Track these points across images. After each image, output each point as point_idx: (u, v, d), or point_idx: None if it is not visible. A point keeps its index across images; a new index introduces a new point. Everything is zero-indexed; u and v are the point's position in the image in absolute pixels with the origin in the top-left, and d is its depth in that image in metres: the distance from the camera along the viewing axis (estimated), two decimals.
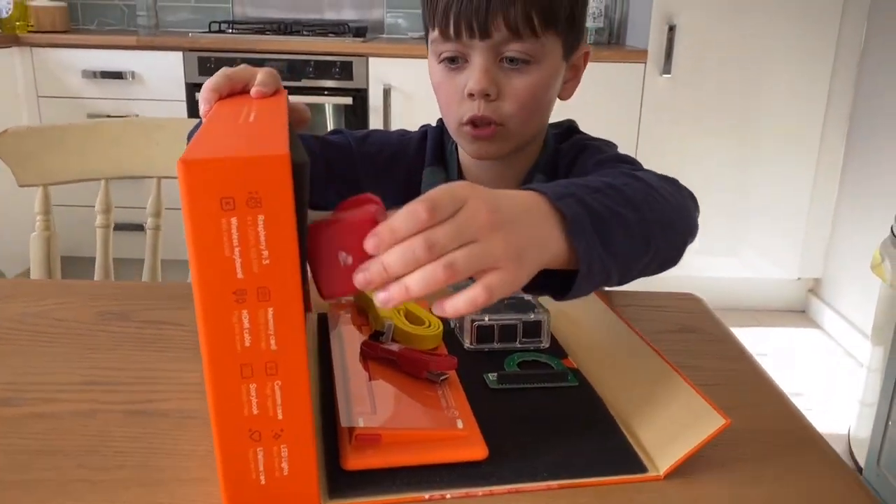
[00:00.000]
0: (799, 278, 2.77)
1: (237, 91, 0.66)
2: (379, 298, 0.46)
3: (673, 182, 0.69)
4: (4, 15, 2.69)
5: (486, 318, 0.65)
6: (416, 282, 0.45)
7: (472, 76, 0.78)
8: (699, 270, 2.55)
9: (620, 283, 0.60)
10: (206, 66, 2.58)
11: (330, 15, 3.12)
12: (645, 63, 2.57)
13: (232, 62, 2.59)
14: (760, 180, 2.66)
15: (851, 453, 1.93)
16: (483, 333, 0.65)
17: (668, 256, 0.63)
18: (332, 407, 0.56)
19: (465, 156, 0.90)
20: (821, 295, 2.76)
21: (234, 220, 0.42)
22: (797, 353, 2.55)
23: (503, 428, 0.55)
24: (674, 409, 0.55)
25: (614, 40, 2.99)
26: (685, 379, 0.56)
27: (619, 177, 0.63)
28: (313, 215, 0.49)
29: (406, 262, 0.45)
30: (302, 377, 0.45)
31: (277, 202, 0.42)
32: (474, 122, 0.80)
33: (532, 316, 0.66)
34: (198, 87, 2.60)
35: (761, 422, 0.59)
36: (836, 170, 2.65)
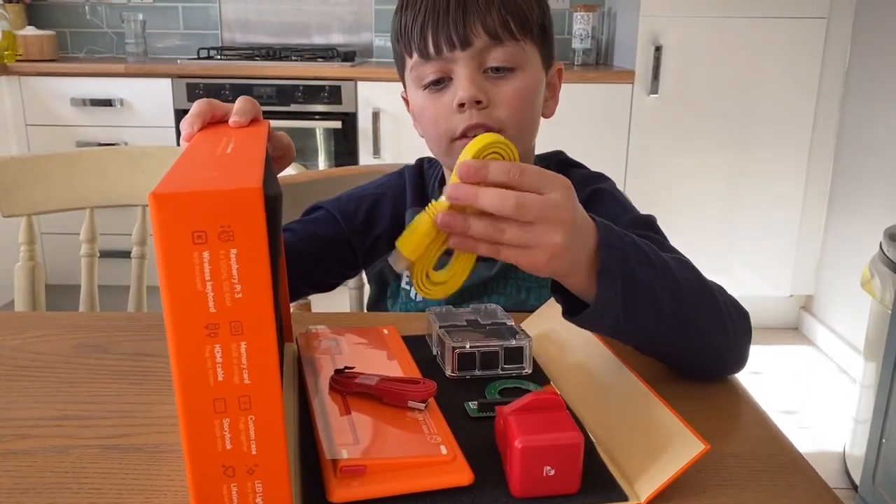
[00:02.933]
0: (791, 295, 2.77)
1: (218, 118, 0.66)
2: (447, 194, 0.54)
3: (739, 312, 0.68)
4: None
5: (468, 346, 0.64)
6: (488, 198, 0.52)
7: (460, 86, 0.77)
8: None
9: (633, 346, 0.65)
10: (195, 92, 2.59)
11: (319, 40, 3.13)
12: (632, 83, 2.59)
13: (220, 88, 2.60)
14: (750, 198, 2.67)
15: (847, 471, 1.92)
16: (464, 361, 0.64)
17: (698, 363, 0.67)
18: (313, 439, 0.55)
19: None
20: (813, 312, 2.76)
21: (206, 254, 0.41)
22: (791, 370, 2.54)
23: (484, 455, 0.54)
24: (654, 434, 0.54)
25: (602, 61, 3.01)
26: (665, 404, 0.55)
27: (688, 270, 0.65)
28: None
29: (495, 205, 0.52)
30: (276, 412, 0.44)
31: (250, 236, 0.41)
32: (467, 133, 0.78)
33: (514, 342, 0.65)
34: (187, 113, 2.58)
35: (745, 445, 0.58)
36: (826, 186, 2.66)
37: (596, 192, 0.86)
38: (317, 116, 2.64)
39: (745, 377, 0.70)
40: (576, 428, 0.51)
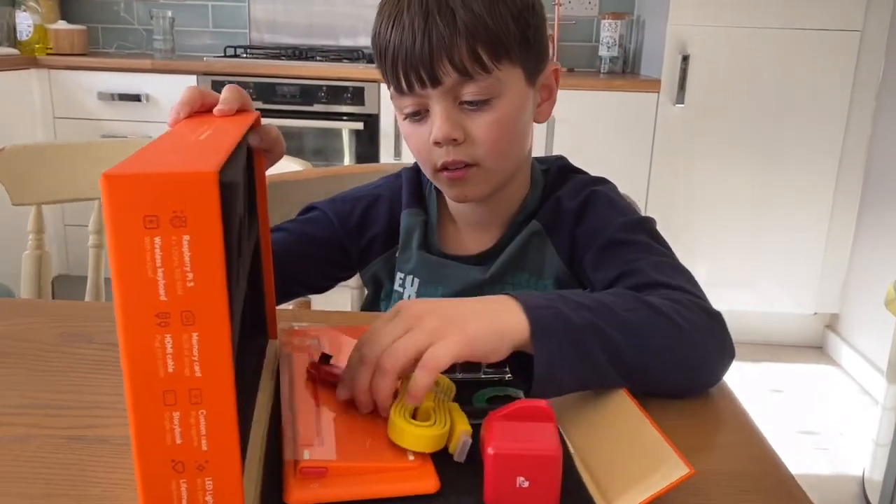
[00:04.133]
0: (816, 313, 2.71)
1: (207, 107, 0.65)
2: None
3: (707, 319, 0.66)
4: (24, 37, 2.74)
5: None
6: (376, 391, 0.53)
7: (435, 124, 0.76)
8: (713, 302, 2.49)
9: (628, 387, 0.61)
10: (220, 90, 2.59)
11: (345, 42, 3.14)
12: (658, 92, 2.55)
13: (245, 86, 2.61)
14: (776, 212, 2.61)
15: (865, 496, 1.87)
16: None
17: (676, 384, 0.64)
18: (279, 438, 0.54)
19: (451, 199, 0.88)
20: (838, 331, 2.69)
21: (157, 240, 0.40)
22: (813, 390, 2.48)
23: (457, 463, 0.52)
24: (639, 454, 0.51)
25: (629, 69, 2.97)
26: (653, 423, 0.53)
27: (629, 300, 0.64)
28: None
29: (358, 383, 0.54)
30: (227, 407, 0.43)
31: (203, 222, 0.40)
32: (447, 167, 0.78)
33: None
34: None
35: (732, 463, 0.55)
36: (854, 203, 2.60)
37: (591, 194, 0.83)
38: (341, 117, 2.64)
39: (764, 395, 0.67)
40: (556, 440, 0.49)
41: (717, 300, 2.61)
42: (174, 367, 0.42)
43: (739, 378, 2.57)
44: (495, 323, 0.56)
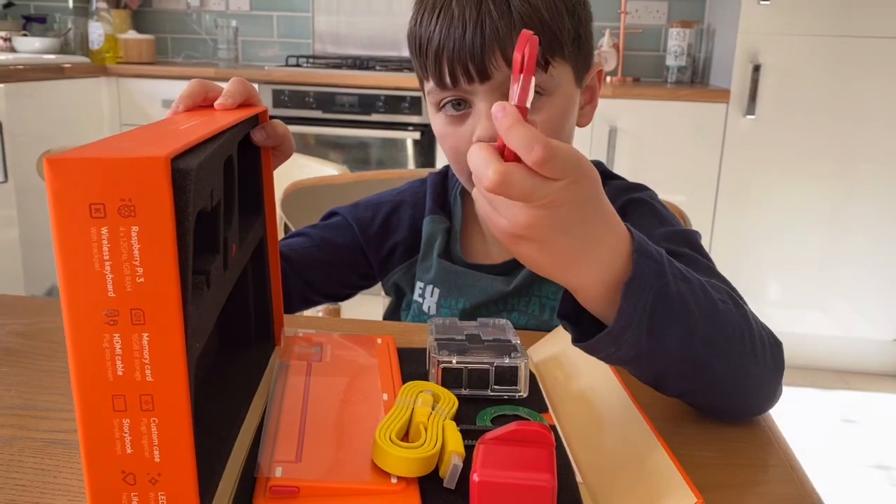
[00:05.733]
0: (895, 339, 2.54)
1: (211, 100, 0.62)
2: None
3: (773, 342, 0.59)
4: (96, 47, 2.82)
5: (454, 361, 0.57)
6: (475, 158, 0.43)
7: (480, 123, 0.70)
8: (783, 325, 2.36)
9: (649, 382, 0.55)
10: (280, 99, 2.62)
11: (407, 53, 3.12)
12: (727, 103, 2.44)
13: (305, 95, 2.62)
14: (854, 230, 2.46)
15: None
16: (450, 377, 0.57)
17: (729, 398, 0.56)
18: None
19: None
20: None
21: (104, 230, 0.37)
22: (890, 420, 2.32)
23: (448, 489, 0.47)
24: (647, 479, 0.46)
25: (698, 79, 2.87)
26: (665, 447, 0.47)
27: (722, 292, 0.56)
28: None
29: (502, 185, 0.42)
30: (181, 416, 0.39)
31: (154, 212, 0.36)
32: None
33: (507, 361, 0.58)
34: (271, 118, 2.62)
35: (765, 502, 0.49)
36: None
37: (631, 201, 0.77)
38: (401, 127, 2.62)
39: (837, 425, 0.60)
40: (551, 470, 0.43)
41: (789, 322, 2.49)
42: (124, 369, 0.38)
43: (808, 406, 2.43)
44: (591, 269, 0.47)
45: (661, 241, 0.70)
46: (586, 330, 0.51)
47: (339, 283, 0.86)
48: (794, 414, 2.26)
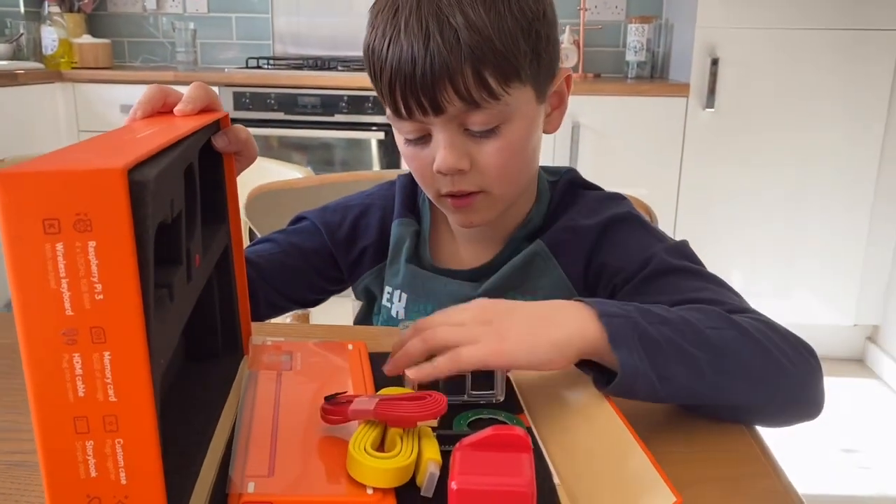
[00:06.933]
0: (856, 325, 2.59)
1: (170, 106, 0.60)
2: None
3: (799, 348, 0.61)
4: (50, 52, 2.76)
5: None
6: (403, 352, 0.56)
7: (439, 154, 0.69)
8: None
9: (702, 412, 0.59)
10: (242, 101, 2.58)
11: None
12: (687, 97, 2.47)
13: (266, 97, 2.59)
14: (813, 220, 2.51)
15: None
16: (425, 383, 0.56)
17: (767, 410, 0.61)
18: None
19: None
20: (880, 343, 2.57)
21: (59, 246, 0.35)
22: (854, 405, 2.36)
23: (426, 497, 0.46)
24: (625, 480, 0.46)
25: (658, 74, 2.89)
26: (643, 446, 0.47)
27: (714, 318, 0.59)
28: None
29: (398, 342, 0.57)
30: (148, 436, 0.38)
31: (111, 226, 0.35)
32: (454, 194, 0.72)
33: None
34: (233, 122, 2.59)
35: (748, 500, 0.49)
36: (895, 210, 2.48)
37: (615, 219, 0.76)
38: (364, 127, 2.61)
39: None
40: (530, 474, 0.43)
41: None
42: (85, 390, 0.37)
43: None
44: (555, 333, 0.54)
45: (663, 257, 0.70)
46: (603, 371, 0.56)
47: (308, 289, 0.85)
48: None
